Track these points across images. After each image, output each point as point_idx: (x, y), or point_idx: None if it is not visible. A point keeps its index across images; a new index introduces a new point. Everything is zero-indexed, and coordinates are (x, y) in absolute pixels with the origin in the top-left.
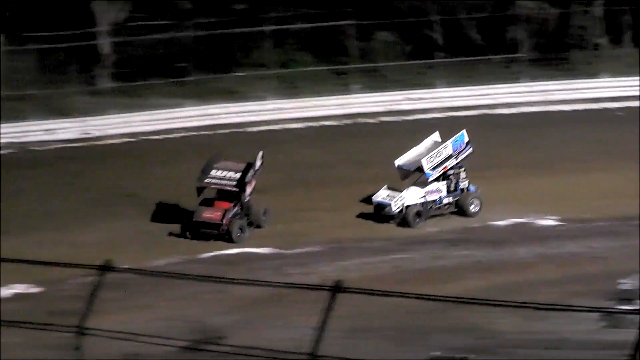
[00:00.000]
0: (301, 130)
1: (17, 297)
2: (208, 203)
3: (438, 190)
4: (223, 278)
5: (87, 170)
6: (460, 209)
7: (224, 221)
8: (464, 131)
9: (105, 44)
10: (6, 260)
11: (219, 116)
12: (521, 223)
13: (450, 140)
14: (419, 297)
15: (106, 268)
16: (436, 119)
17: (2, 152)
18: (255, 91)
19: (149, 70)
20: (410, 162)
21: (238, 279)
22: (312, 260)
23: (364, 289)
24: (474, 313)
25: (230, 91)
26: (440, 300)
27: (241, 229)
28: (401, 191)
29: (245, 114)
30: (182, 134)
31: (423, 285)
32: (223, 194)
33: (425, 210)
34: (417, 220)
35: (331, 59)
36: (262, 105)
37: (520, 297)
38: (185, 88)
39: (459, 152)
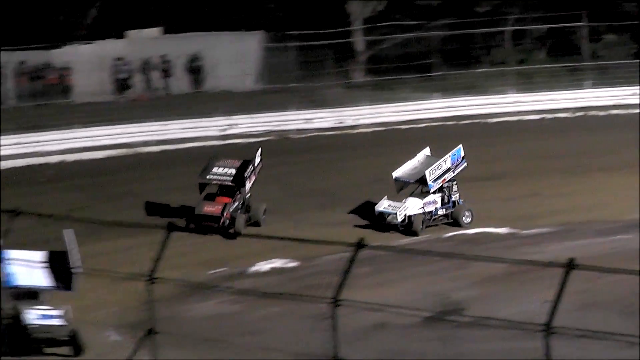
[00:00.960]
0: (536, 122)
1: (275, 271)
2: (210, 198)
3: (434, 202)
4: (464, 255)
5: (341, 156)
6: (454, 220)
7: (224, 214)
8: (460, 146)
9: (359, 42)
10: (267, 237)
11: (462, 108)
12: None
13: (449, 154)
14: None
15: (360, 245)
16: None
17: (263, 139)
18: (495, 86)
19: (399, 66)
20: (408, 174)
21: (478, 256)
22: (544, 240)
23: (595, 266)
24: None
25: (472, 85)
26: None
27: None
28: (401, 202)
29: (486, 106)
30: (427, 124)
31: None
32: (224, 190)
33: (425, 221)
34: (420, 228)
35: (564, 56)
36: (502, 98)
37: None
38: (431, 83)
39: (456, 166)
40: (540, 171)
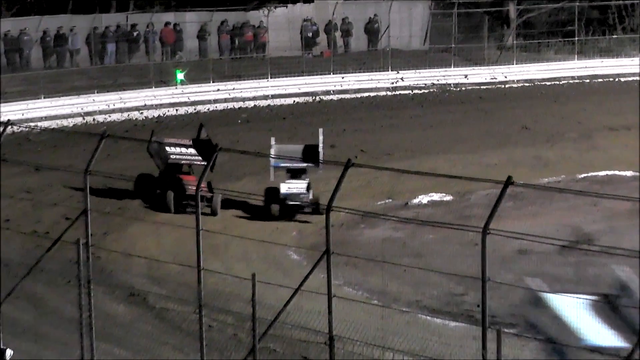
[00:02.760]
0: None
1: (433, 203)
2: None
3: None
4: (595, 193)
5: (493, 107)
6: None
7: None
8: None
9: (512, 10)
10: (426, 174)
11: (597, 68)
12: None
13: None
14: None
15: (508, 183)
16: None
17: (426, 91)
18: (627, 50)
19: (545, 32)
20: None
21: (607, 195)
22: None
23: None
24: None
25: (607, 49)
26: None
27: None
28: (300, 183)
29: (618, 67)
30: (567, 82)
31: None
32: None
33: None
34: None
35: None
36: (632, 61)
37: None
38: (572, 46)
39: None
40: None
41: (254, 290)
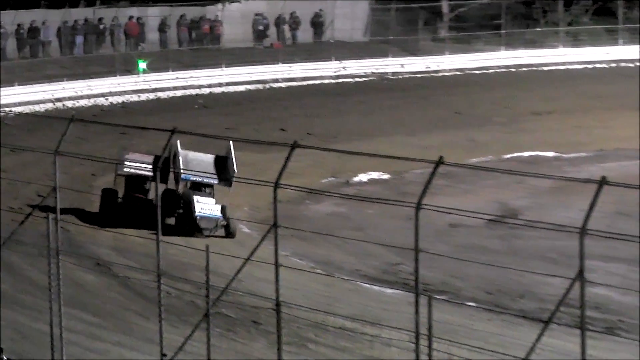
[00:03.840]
0: (580, 70)
1: (373, 181)
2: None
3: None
4: (521, 172)
5: (428, 94)
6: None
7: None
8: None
9: (445, 5)
10: (366, 154)
11: (523, 58)
12: None
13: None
14: None
15: (439, 162)
16: None
17: (366, 79)
18: (549, 41)
19: (475, 25)
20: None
21: (531, 173)
22: (583, 162)
23: (623, 183)
24: None
25: (533, 41)
26: None
27: None
28: (208, 201)
29: (542, 57)
30: (495, 70)
31: None
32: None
33: None
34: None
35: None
36: (554, 51)
37: None
38: (501, 38)
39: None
40: (584, 108)
41: (208, 260)
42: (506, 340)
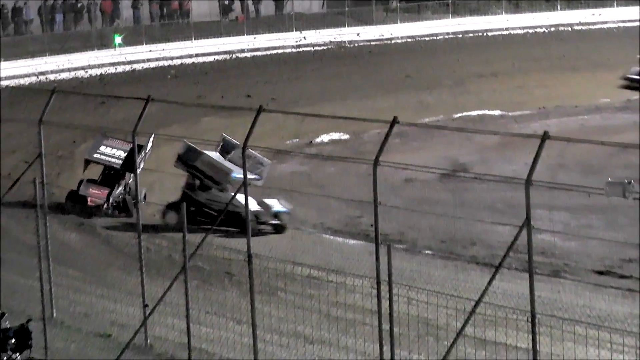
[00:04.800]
0: (522, 35)
1: (333, 141)
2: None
3: None
4: (469, 129)
5: (381, 60)
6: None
7: (110, 200)
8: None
9: None
10: (327, 116)
11: (467, 25)
12: None
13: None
14: (602, 143)
15: (394, 122)
16: None
17: (324, 47)
18: (493, 9)
19: None
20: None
21: (479, 130)
22: (527, 119)
23: (563, 137)
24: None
25: (477, 9)
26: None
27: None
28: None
29: (485, 24)
30: (445, 37)
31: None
32: (110, 172)
33: None
34: None
35: None
36: (497, 18)
37: None
38: (448, 7)
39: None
40: (526, 70)
41: (185, 217)
42: (460, 285)
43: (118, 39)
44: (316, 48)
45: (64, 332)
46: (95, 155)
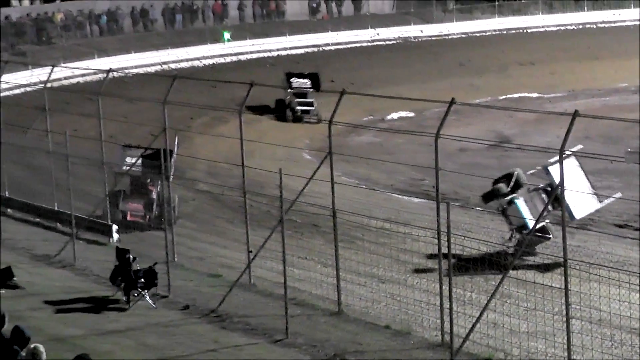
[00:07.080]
0: (551, 32)
1: (401, 118)
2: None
3: None
4: (512, 108)
5: (439, 51)
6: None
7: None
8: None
9: None
10: (395, 97)
11: (510, 23)
12: None
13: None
14: (623, 120)
15: (452, 102)
16: None
17: (394, 42)
18: (531, 10)
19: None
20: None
21: (519, 108)
22: (560, 100)
23: (591, 115)
24: None
25: (519, 10)
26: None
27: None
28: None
29: (526, 22)
30: (492, 33)
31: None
32: (138, 184)
33: None
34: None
35: None
36: (534, 17)
37: None
38: (494, 8)
39: None
40: (558, 59)
41: (281, 179)
42: (505, 234)
43: (227, 35)
44: (387, 42)
45: (183, 272)
46: (125, 168)
